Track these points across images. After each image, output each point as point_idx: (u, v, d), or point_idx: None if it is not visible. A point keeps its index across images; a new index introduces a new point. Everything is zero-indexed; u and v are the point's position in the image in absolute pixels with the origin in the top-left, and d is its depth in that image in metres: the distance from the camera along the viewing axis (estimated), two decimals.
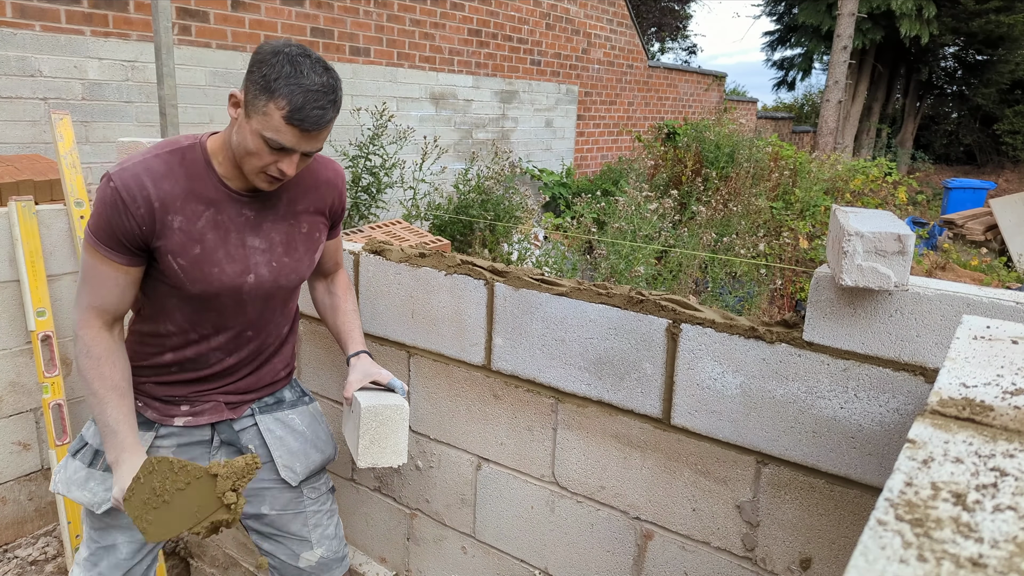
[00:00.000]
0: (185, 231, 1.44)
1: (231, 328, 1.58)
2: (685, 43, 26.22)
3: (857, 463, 1.32)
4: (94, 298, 1.45)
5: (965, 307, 1.18)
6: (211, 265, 1.48)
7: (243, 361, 1.65)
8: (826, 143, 12.80)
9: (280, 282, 1.59)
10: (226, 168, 1.47)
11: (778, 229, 6.61)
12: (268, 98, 1.31)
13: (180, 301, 1.51)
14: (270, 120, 1.32)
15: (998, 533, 0.50)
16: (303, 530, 1.77)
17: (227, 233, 1.49)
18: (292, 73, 1.31)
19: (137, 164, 1.41)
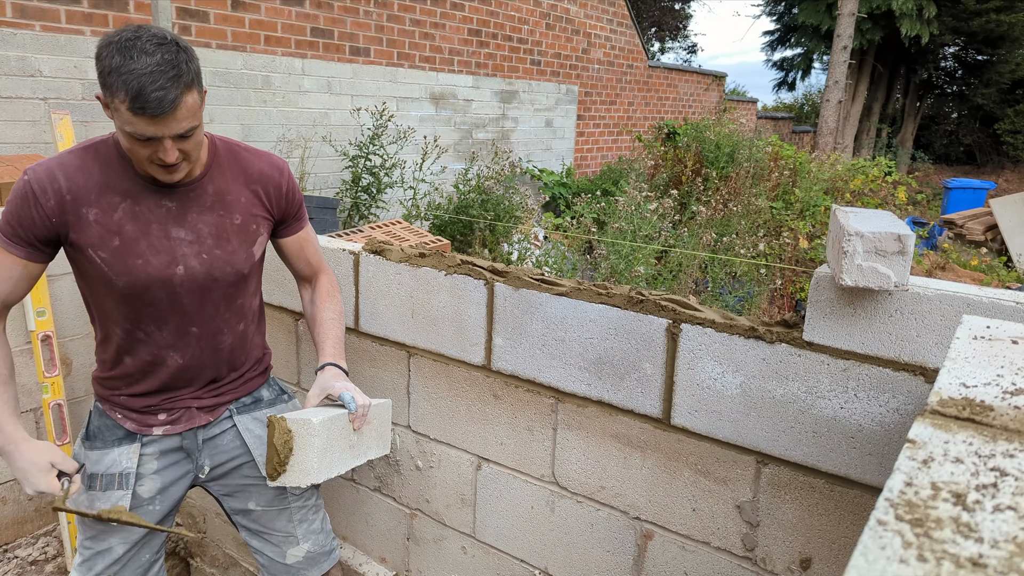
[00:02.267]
0: (101, 223, 1.43)
1: (170, 323, 1.55)
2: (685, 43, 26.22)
3: (857, 463, 1.32)
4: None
5: (965, 307, 1.18)
6: (134, 256, 1.46)
7: (197, 361, 1.62)
8: (826, 143, 12.80)
9: (214, 274, 1.55)
10: None
11: (778, 229, 6.61)
12: (111, 95, 1.28)
13: (115, 299, 1.50)
14: (122, 115, 1.30)
15: (998, 533, 0.50)
16: (288, 526, 1.78)
17: (148, 224, 1.47)
18: (122, 62, 1.26)
19: (52, 160, 1.43)
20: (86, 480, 1.60)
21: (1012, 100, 18.34)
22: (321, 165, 6.67)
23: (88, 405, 2.65)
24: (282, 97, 6.31)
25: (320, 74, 6.57)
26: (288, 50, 6.30)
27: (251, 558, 2.51)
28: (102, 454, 1.60)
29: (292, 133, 6.39)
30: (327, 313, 1.77)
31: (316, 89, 6.55)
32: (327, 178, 6.76)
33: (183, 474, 1.69)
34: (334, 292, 1.82)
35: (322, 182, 6.72)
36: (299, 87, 6.43)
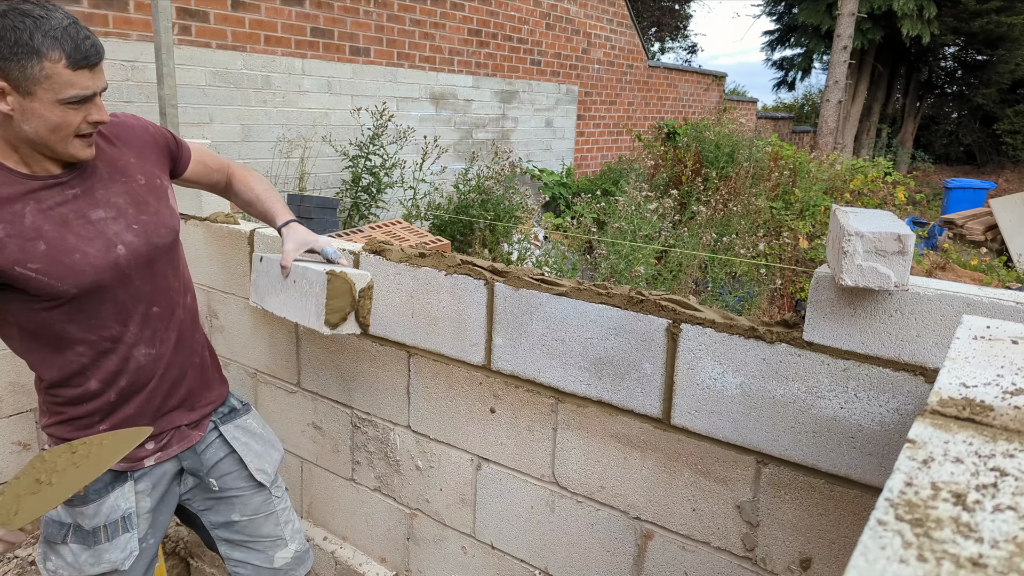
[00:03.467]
0: (15, 235, 1.29)
1: (134, 312, 1.46)
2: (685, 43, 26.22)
3: (857, 463, 1.32)
4: None
5: (965, 307, 1.18)
6: (68, 253, 1.34)
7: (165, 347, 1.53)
8: (826, 143, 12.80)
9: (153, 241, 1.48)
10: (20, 162, 1.33)
11: (778, 229, 6.61)
12: (39, 60, 1.19)
13: (66, 315, 1.38)
14: (58, 79, 1.21)
15: (998, 533, 0.50)
16: (276, 529, 1.75)
17: (64, 217, 1.36)
18: (36, 24, 1.18)
19: None
20: (87, 538, 1.49)
21: (1012, 100, 18.34)
22: (321, 165, 6.67)
23: None
24: (282, 97, 6.31)
25: (320, 74, 6.57)
26: (288, 50, 6.30)
27: None
28: (97, 506, 1.48)
29: (292, 133, 6.39)
30: (258, 186, 1.77)
31: (316, 89, 6.56)
32: (327, 178, 6.76)
33: (173, 500, 1.65)
34: (249, 171, 1.82)
35: (322, 182, 6.72)
36: (299, 87, 6.43)
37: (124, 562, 1.52)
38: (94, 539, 1.48)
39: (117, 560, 1.51)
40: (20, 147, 1.31)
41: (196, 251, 2.43)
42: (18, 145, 1.31)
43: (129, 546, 1.52)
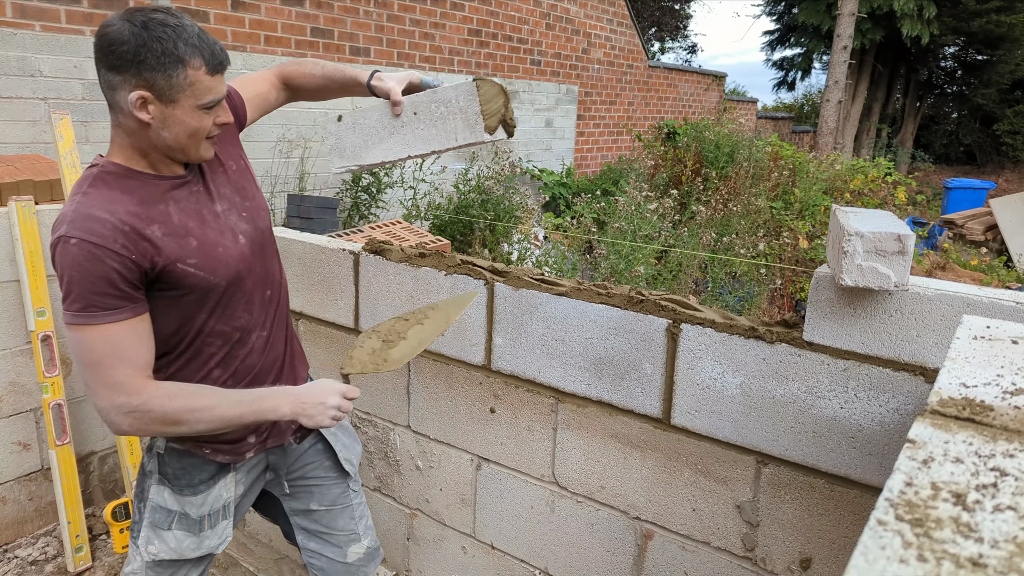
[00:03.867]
0: (171, 234, 1.33)
1: (254, 298, 1.50)
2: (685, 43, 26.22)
3: (857, 463, 1.32)
4: (125, 367, 1.28)
5: (965, 307, 1.18)
6: (214, 247, 1.39)
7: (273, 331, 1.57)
8: (826, 143, 12.79)
9: (259, 225, 1.52)
10: (152, 165, 1.36)
11: (778, 229, 6.61)
12: (183, 68, 1.24)
13: (209, 310, 1.41)
14: (199, 85, 1.27)
15: (998, 533, 0.50)
16: (351, 523, 1.76)
17: (199, 214, 1.40)
18: (177, 34, 1.24)
19: (77, 211, 1.26)
20: (192, 526, 1.53)
21: (1012, 100, 18.34)
22: (321, 165, 6.67)
23: (89, 405, 2.65)
24: None
25: None
26: (288, 50, 6.30)
27: (251, 558, 2.51)
28: (205, 496, 1.53)
29: (292, 133, 6.39)
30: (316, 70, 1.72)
31: None
32: (327, 178, 6.76)
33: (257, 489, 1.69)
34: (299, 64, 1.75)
35: (322, 182, 6.72)
36: None
37: (219, 547, 1.59)
38: (199, 527, 1.54)
39: (214, 545, 1.58)
40: (151, 153, 1.34)
41: None
42: (149, 151, 1.33)
43: (225, 532, 1.59)
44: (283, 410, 1.39)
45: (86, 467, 2.69)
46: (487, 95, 1.56)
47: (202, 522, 1.54)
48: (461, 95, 1.57)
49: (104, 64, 1.25)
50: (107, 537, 2.58)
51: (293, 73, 1.72)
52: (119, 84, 1.25)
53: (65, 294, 1.26)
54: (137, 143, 1.32)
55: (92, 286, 1.24)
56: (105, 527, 2.59)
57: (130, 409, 1.28)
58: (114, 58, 1.23)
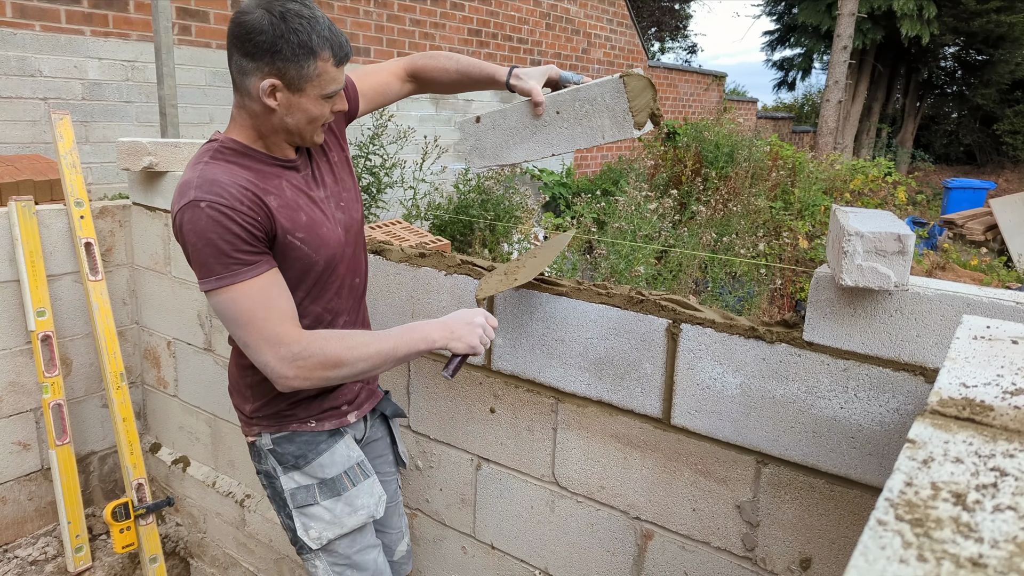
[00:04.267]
0: (284, 206, 1.37)
1: (345, 283, 1.53)
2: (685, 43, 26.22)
3: (857, 463, 1.32)
4: (278, 316, 1.30)
5: (965, 307, 1.18)
6: (318, 226, 1.43)
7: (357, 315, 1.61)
8: (826, 143, 12.79)
9: (353, 215, 1.56)
10: (268, 147, 1.41)
11: (778, 229, 6.61)
12: (314, 59, 1.28)
13: (307, 289, 1.44)
14: (326, 76, 1.31)
15: (998, 533, 0.50)
16: (399, 521, 1.79)
17: (307, 195, 1.44)
18: (312, 26, 1.27)
19: (202, 177, 1.30)
20: (333, 487, 1.53)
21: (1012, 100, 18.34)
22: None
23: (89, 405, 2.65)
24: None
25: None
26: None
27: (251, 558, 2.51)
28: (329, 455, 1.53)
29: None
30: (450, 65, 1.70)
31: None
32: None
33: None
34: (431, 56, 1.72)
35: None
36: None
37: (377, 507, 1.58)
38: (341, 486, 1.54)
39: (370, 505, 1.57)
40: (270, 136, 1.39)
41: None
42: (268, 134, 1.38)
43: (376, 490, 1.58)
44: (433, 336, 1.40)
45: (86, 467, 2.69)
46: (635, 90, 1.52)
47: (341, 481, 1.54)
48: (607, 92, 1.53)
49: (239, 50, 1.29)
50: (107, 537, 2.58)
51: (425, 67, 1.72)
52: (251, 70, 1.29)
53: (201, 263, 1.28)
54: (258, 125, 1.37)
55: (231, 244, 1.26)
56: (105, 527, 2.59)
57: (293, 356, 1.29)
58: (250, 46, 1.26)
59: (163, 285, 2.60)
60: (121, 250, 2.68)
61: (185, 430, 2.68)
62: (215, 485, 2.56)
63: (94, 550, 2.53)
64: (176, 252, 2.51)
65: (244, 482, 2.52)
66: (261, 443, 1.55)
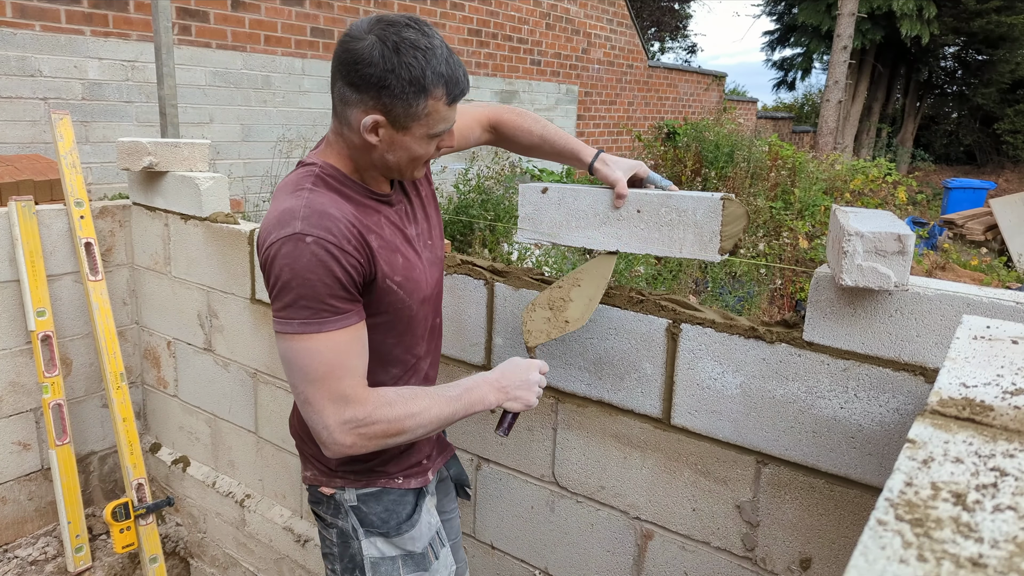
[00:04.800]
0: (384, 247, 1.26)
1: (428, 325, 1.43)
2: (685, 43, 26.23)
3: (857, 463, 1.32)
4: (351, 377, 1.19)
5: (965, 307, 1.18)
6: (413, 269, 1.32)
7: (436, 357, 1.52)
8: (826, 143, 12.79)
9: (439, 254, 1.46)
10: (365, 180, 1.30)
11: (778, 229, 6.61)
12: (426, 97, 1.15)
13: (396, 334, 1.34)
14: (436, 115, 1.19)
15: (998, 533, 0.50)
16: (462, 555, 1.70)
17: (402, 234, 1.34)
18: (427, 59, 1.14)
19: (308, 207, 1.18)
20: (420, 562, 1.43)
21: (1012, 100, 18.33)
22: None
23: (89, 405, 2.65)
24: (282, 97, 6.31)
25: (320, 74, 6.57)
26: (288, 50, 6.30)
27: (251, 557, 2.51)
28: (418, 528, 1.43)
29: (292, 133, 6.39)
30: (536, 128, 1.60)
31: (316, 89, 6.55)
32: None
33: None
34: (518, 113, 1.62)
35: None
36: (299, 87, 6.43)
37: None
38: (426, 561, 1.43)
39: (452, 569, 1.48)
40: (367, 170, 1.28)
41: (196, 251, 2.43)
42: (366, 168, 1.28)
43: (448, 559, 1.49)
44: (490, 399, 1.32)
45: (86, 467, 2.69)
46: (731, 216, 1.45)
47: (426, 555, 1.43)
48: (701, 208, 1.44)
49: (343, 77, 1.17)
50: (107, 537, 2.58)
51: (509, 123, 1.62)
52: (354, 102, 1.17)
53: (287, 302, 1.15)
54: (355, 157, 1.26)
55: (327, 288, 1.15)
56: (105, 527, 2.59)
57: (358, 422, 1.19)
58: (356, 76, 1.15)
59: (163, 285, 2.60)
60: (121, 250, 2.68)
61: (185, 430, 2.68)
62: (215, 485, 2.56)
63: (94, 550, 2.53)
64: (176, 252, 2.51)
65: (244, 482, 2.52)
66: (343, 497, 1.41)
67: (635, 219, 1.52)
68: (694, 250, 1.47)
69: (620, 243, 1.54)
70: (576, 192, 1.58)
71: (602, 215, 1.55)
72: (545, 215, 1.63)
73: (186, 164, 2.50)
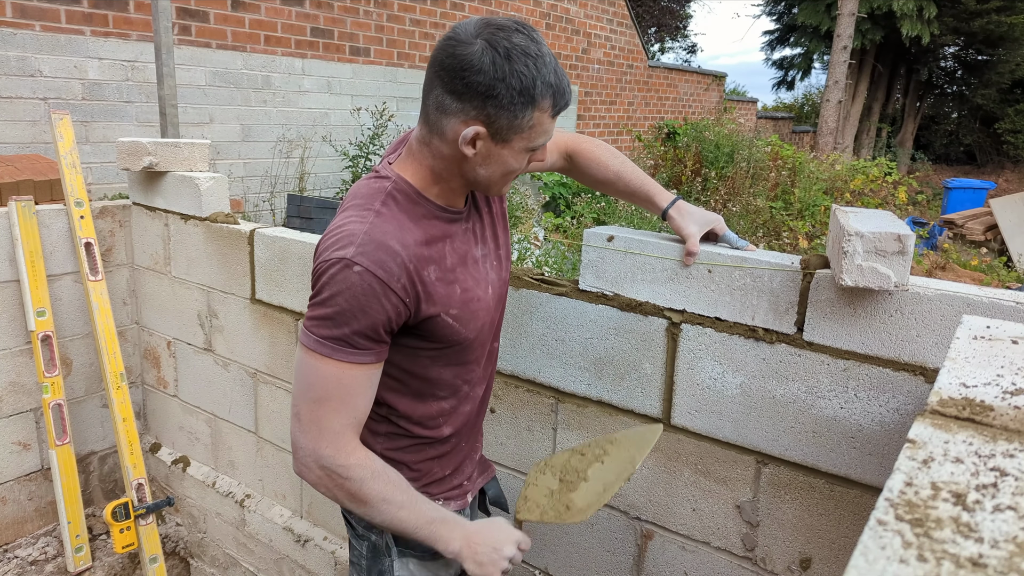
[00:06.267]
0: (442, 279, 1.19)
1: (484, 351, 1.35)
2: (685, 43, 26.23)
3: (857, 463, 1.32)
4: (345, 416, 1.15)
5: (965, 307, 1.18)
6: (473, 300, 1.24)
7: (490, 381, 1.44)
8: (826, 143, 12.79)
9: (504, 276, 1.37)
10: (438, 195, 1.21)
11: (778, 229, 6.61)
12: (532, 108, 1.09)
13: (447, 361, 1.27)
14: (539, 127, 1.12)
15: (998, 533, 0.50)
16: None
17: (465, 258, 1.25)
18: (537, 68, 1.07)
19: (369, 235, 1.11)
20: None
21: (1012, 100, 18.33)
22: (321, 165, 6.67)
23: (89, 405, 2.65)
24: (282, 97, 6.31)
25: (320, 74, 6.57)
26: (288, 50, 6.30)
27: (251, 558, 2.51)
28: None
29: (292, 133, 6.39)
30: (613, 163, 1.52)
31: (316, 89, 6.56)
32: (327, 178, 6.76)
33: None
34: (597, 144, 1.54)
35: (322, 182, 6.72)
36: (299, 87, 6.43)
37: None
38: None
39: None
40: (449, 181, 1.19)
41: (196, 251, 2.43)
42: (448, 179, 1.19)
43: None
44: (453, 547, 1.22)
45: (86, 467, 2.69)
46: None
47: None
48: (778, 277, 1.36)
49: (444, 84, 1.08)
50: (107, 537, 2.58)
51: (586, 152, 1.54)
52: (454, 111, 1.09)
53: (322, 312, 1.12)
54: (439, 168, 1.18)
55: (357, 323, 1.11)
56: (105, 527, 2.59)
57: (330, 466, 1.15)
58: (461, 84, 1.06)
59: (163, 285, 2.60)
60: (121, 250, 2.68)
61: (185, 430, 2.68)
62: (215, 485, 2.56)
63: (94, 550, 2.53)
64: (176, 252, 2.51)
65: (244, 482, 2.52)
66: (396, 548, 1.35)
67: (705, 279, 1.44)
68: (765, 319, 1.39)
69: (687, 302, 1.47)
70: (644, 244, 1.51)
71: (670, 270, 1.48)
72: (609, 264, 1.56)
73: (186, 164, 2.50)
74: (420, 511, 1.21)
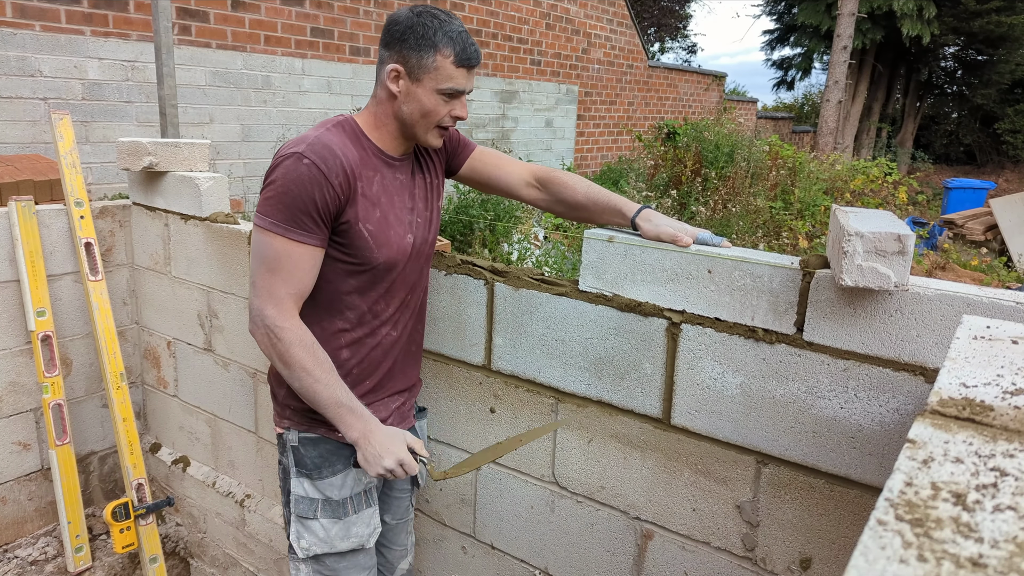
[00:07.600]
0: (367, 196, 1.45)
1: (396, 295, 1.57)
2: (685, 43, 26.23)
3: (857, 463, 1.32)
4: (290, 286, 1.40)
5: (965, 307, 1.18)
6: (388, 228, 1.49)
7: (405, 334, 1.63)
8: (826, 143, 12.79)
9: (428, 239, 1.61)
10: (379, 139, 1.50)
11: (777, 229, 6.61)
12: (434, 52, 1.39)
13: (359, 280, 1.49)
14: (443, 71, 1.40)
15: (998, 533, 0.50)
16: (405, 539, 1.81)
17: (391, 197, 1.51)
18: (440, 25, 1.40)
19: (318, 139, 1.40)
20: (336, 510, 1.56)
21: (1012, 100, 18.33)
22: None
23: (89, 405, 2.65)
24: (282, 97, 6.31)
25: (320, 74, 6.57)
26: (288, 50, 6.30)
27: (251, 558, 2.51)
28: (343, 478, 1.56)
29: (292, 133, 6.39)
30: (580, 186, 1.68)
31: (316, 89, 6.55)
32: None
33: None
34: (565, 174, 1.72)
35: None
36: (299, 87, 6.43)
37: (369, 538, 1.61)
38: (343, 511, 1.57)
39: (364, 535, 1.59)
40: (387, 124, 1.49)
41: (196, 251, 2.43)
42: (387, 122, 1.49)
43: (373, 521, 1.61)
44: (352, 435, 1.43)
45: (86, 467, 2.69)
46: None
47: (345, 505, 1.57)
48: (778, 277, 1.38)
49: (382, 42, 1.46)
50: (107, 537, 2.58)
51: (556, 179, 1.71)
52: (385, 59, 1.44)
53: (272, 201, 1.37)
54: (382, 112, 1.48)
55: (302, 204, 1.36)
56: (105, 527, 2.59)
57: (271, 325, 1.40)
58: (387, 35, 1.42)
59: (163, 285, 2.60)
60: (121, 250, 2.68)
61: (185, 430, 2.68)
62: (215, 485, 2.57)
63: (94, 550, 2.53)
64: (176, 252, 2.51)
65: (244, 482, 2.52)
66: (288, 437, 1.59)
67: (705, 279, 1.46)
68: (765, 319, 1.41)
69: (687, 303, 1.49)
70: (644, 247, 1.54)
71: (670, 271, 1.50)
72: (610, 265, 1.59)
73: (186, 164, 2.50)
74: (334, 393, 1.41)
